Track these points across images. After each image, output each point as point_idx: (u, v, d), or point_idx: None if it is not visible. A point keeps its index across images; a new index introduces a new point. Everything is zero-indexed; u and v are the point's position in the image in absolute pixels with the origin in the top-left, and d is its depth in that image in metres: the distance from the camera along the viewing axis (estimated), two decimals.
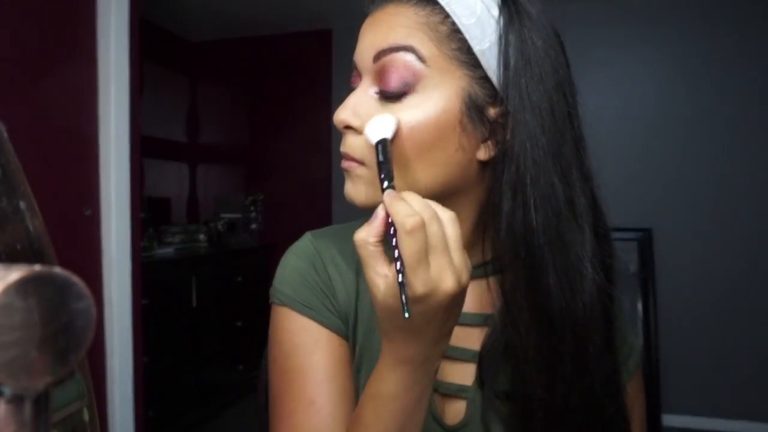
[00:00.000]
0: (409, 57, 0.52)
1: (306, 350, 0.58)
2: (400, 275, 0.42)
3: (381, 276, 0.44)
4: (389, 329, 0.46)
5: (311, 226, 0.69)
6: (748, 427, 2.80)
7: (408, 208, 0.43)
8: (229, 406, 3.15)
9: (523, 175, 0.52)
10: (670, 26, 2.97)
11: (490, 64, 0.53)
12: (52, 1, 1.62)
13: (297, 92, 3.66)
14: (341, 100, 0.55)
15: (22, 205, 0.38)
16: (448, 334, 0.48)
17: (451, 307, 0.45)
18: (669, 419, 2.88)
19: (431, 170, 0.53)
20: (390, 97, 0.53)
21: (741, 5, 2.84)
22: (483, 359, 0.58)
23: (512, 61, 0.52)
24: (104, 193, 1.75)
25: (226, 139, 3.92)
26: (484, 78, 0.53)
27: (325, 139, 3.57)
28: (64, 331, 0.24)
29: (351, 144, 0.55)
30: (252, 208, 3.60)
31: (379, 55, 0.53)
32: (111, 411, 1.76)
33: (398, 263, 0.43)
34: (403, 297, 0.42)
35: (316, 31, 3.60)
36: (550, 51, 0.53)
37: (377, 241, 0.45)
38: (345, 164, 0.56)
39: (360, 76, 0.57)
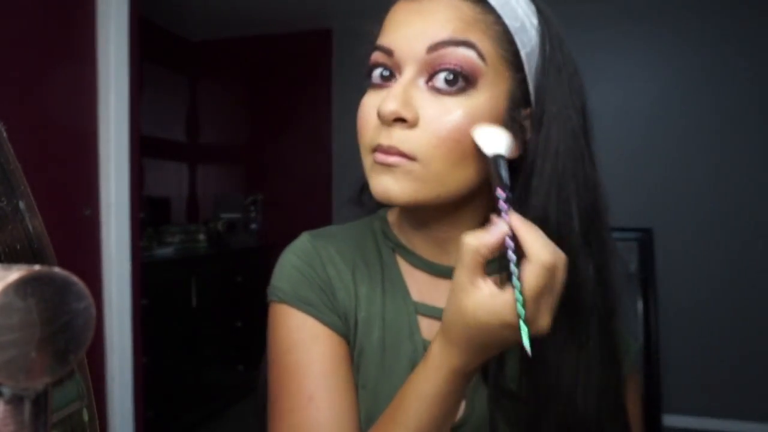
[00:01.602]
0: (471, 53, 0.52)
1: (304, 347, 0.58)
2: (521, 307, 0.42)
3: (478, 288, 0.45)
4: (458, 337, 0.47)
5: (311, 226, 0.69)
6: (748, 427, 2.80)
7: (548, 241, 0.44)
8: (229, 406, 3.15)
9: (555, 173, 0.54)
10: (668, 27, 2.97)
11: (530, 69, 0.55)
12: (52, 1, 1.62)
13: (297, 92, 3.66)
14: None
15: (22, 205, 0.38)
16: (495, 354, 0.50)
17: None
18: (669, 419, 2.87)
19: (478, 165, 0.54)
20: (447, 91, 0.52)
21: (739, 6, 2.84)
22: None
23: (549, 67, 0.55)
24: (104, 193, 1.75)
25: (226, 139, 3.92)
26: (523, 81, 0.55)
27: (325, 138, 3.57)
28: (64, 331, 0.24)
29: (400, 137, 0.52)
30: (252, 208, 3.60)
31: (437, 47, 0.52)
32: (111, 411, 1.76)
33: (519, 293, 0.42)
34: (526, 333, 0.42)
35: (316, 30, 3.59)
36: (574, 58, 0.56)
37: (489, 254, 0.45)
38: (391, 159, 0.52)
39: (396, 63, 0.54)
